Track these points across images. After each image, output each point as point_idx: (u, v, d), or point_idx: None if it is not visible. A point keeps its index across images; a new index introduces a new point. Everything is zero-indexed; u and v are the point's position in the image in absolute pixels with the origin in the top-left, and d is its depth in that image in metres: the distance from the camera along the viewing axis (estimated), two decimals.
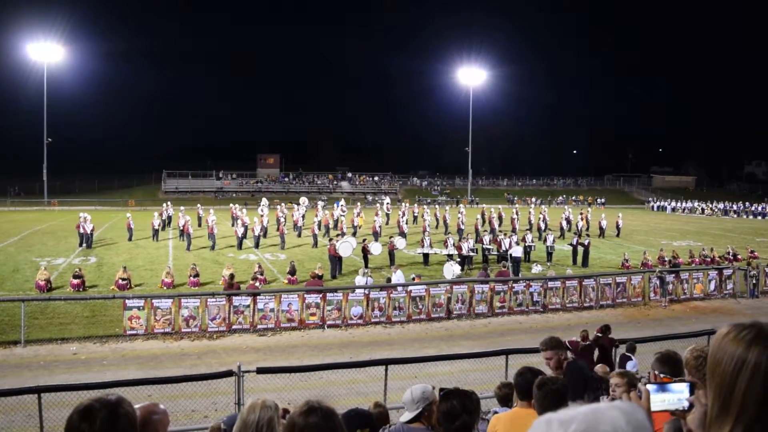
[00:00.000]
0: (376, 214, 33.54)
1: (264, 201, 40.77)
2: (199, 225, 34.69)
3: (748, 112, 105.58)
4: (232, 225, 33.14)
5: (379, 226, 30.88)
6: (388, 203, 43.86)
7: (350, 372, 9.59)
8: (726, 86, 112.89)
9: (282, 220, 31.23)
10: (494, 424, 3.95)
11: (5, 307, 15.04)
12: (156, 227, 30.21)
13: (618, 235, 35.08)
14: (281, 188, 68.84)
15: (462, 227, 31.72)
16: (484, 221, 33.68)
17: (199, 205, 39.63)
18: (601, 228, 34.86)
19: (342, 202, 43.19)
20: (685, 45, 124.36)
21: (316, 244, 28.64)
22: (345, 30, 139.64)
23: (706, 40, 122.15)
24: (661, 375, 3.30)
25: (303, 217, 33.76)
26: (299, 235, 31.70)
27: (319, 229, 31.46)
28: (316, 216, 33.58)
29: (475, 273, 21.06)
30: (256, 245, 27.78)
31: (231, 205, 40.25)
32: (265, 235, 29.54)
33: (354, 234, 30.35)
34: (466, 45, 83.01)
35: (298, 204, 38.61)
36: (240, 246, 27.43)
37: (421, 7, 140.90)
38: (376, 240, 27.43)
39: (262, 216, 31.55)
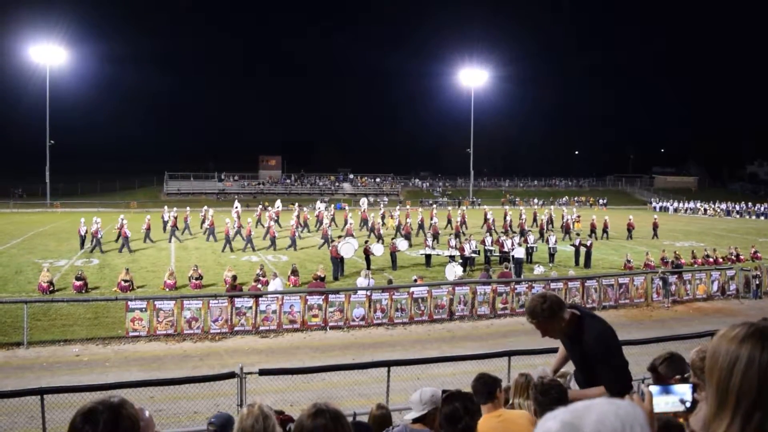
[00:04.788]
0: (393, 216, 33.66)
1: (278, 204, 40.63)
2: (201, 227, 34.62)
3: (749, 112, 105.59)
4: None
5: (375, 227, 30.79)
6: (364, 203, 43.56)
7: (352, 373, 9.58)
8: (727, 86, 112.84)
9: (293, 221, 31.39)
10: None
11: (8, 308, 15.07)
12: (145, 230, 29.80)
13: (630, 237, 34.83)
14: (283, 190, 68.89)
15: (464, 228, 31.66)
16: (486, 223, 33.73)
17: (187, 208, 38.87)
18: (605, 229, 34.60)
19: (325, 203, 42.56)
20: (686, 45, 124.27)
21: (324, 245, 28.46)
22: (348, 30, 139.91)
23: (707, 41, 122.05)
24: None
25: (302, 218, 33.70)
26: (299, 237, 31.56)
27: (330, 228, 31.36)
28: (325, 218, 33.51)
29: (477, 274, 21.05)
30: (252, 248, 27.70)
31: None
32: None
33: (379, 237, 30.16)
34: (468, 45, 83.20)
35: (312, 207, 38.37)
36: (224, 248, 27.24)
37: (424, 7, 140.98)
38: (380, 241, 27.41)
39: (236, 218, 31.64)
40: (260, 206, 40.98)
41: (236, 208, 37.37)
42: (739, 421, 1.19)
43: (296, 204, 40.73)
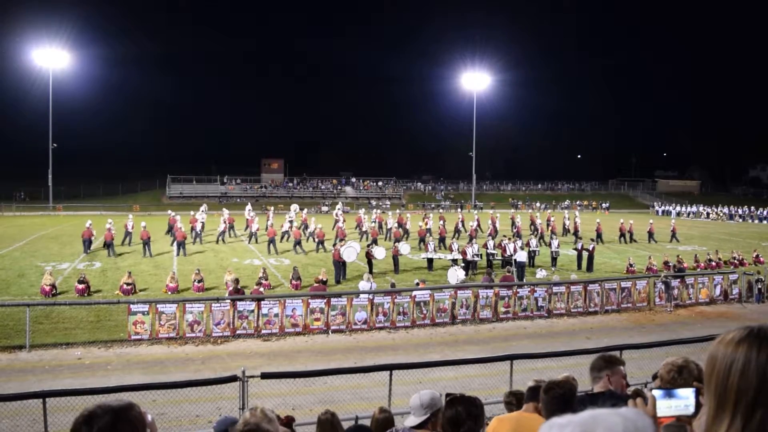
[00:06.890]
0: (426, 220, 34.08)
1: (248, 208, 40.25)
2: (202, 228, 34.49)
3: (752, 116, 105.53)
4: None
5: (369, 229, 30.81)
6: (340, 209, 43.04)
7: (354, 377, 9.57)
8: (730, 90, 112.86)
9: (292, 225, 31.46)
10: (495, 427, 3.95)
11: (10, 311, 15.09)
12: (198, 232, 30.72)
13: (649, 240, 34.67)
14: (285, 193, 68.92)
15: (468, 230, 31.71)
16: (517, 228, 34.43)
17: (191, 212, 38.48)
18: (630, 233, 34.65)
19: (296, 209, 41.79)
20: (689, 48, 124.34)
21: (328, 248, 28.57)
22: (350, 33, 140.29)
23: (710, 44, 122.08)
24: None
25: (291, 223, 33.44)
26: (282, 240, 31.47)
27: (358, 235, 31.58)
28: (289, 221, 33.42)
29: (479, 278, 21.02)
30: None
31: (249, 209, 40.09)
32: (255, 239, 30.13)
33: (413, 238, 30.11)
34: (470, 49, 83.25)
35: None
36: (269, 250, 27.35)
37: (426, 11, 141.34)
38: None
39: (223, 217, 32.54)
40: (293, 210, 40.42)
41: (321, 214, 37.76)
42: (739, 420, 1.21)
43: (338, 208, 40.74)
